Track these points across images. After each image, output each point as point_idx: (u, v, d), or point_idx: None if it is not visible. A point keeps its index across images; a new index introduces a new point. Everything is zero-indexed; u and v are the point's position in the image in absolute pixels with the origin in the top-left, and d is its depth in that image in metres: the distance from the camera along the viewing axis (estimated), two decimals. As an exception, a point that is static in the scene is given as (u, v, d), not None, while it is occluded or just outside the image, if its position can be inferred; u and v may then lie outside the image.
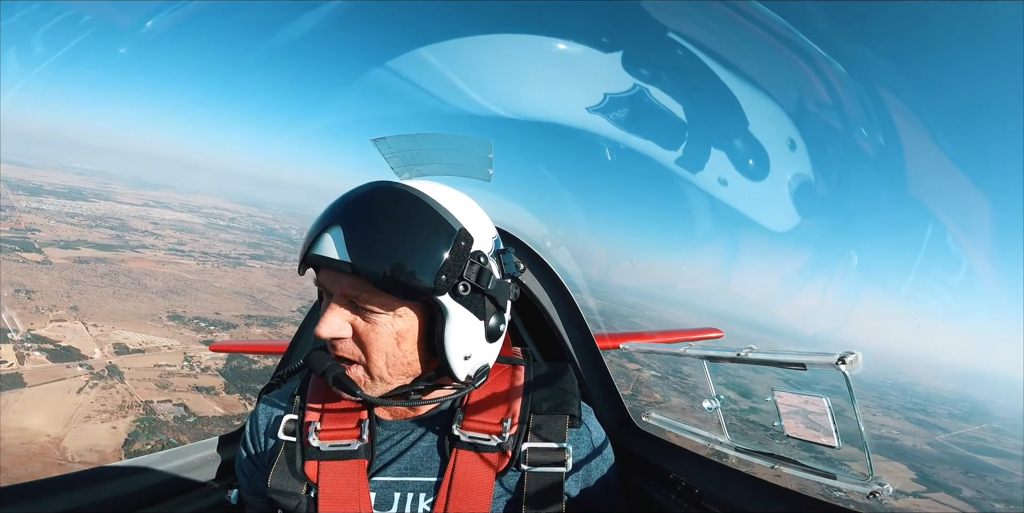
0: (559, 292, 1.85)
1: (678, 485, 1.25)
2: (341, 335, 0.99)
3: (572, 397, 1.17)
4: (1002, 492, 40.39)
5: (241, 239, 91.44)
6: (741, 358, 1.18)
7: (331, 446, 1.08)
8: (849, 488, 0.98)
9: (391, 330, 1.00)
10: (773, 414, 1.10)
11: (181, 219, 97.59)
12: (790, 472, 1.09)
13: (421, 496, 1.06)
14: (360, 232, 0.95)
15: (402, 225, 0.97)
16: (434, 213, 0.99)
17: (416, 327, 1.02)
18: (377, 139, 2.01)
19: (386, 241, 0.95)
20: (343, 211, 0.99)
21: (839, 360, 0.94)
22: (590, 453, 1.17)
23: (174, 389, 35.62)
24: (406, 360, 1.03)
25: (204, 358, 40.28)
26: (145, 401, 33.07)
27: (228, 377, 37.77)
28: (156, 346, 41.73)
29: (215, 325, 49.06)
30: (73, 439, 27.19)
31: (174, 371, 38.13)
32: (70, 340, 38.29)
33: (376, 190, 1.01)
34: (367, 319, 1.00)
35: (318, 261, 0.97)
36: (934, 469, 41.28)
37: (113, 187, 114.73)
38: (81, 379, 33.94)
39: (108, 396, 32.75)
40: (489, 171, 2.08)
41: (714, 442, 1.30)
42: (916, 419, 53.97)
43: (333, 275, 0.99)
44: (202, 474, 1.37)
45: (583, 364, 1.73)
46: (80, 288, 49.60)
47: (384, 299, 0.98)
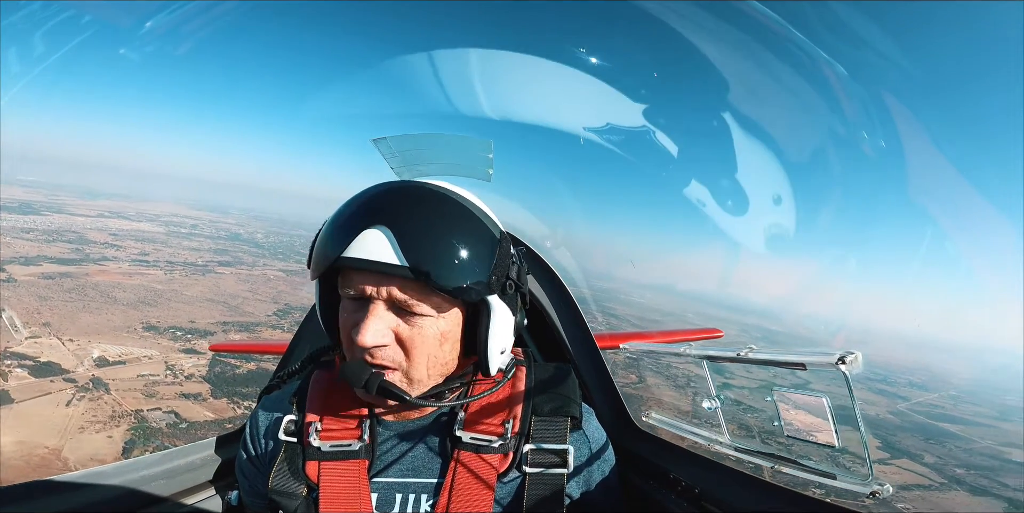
0: (559, 292, 1.86)
1: (678, 485, 1.24)
2: (385, 342, 0.96)
3: (573, 399, 1.15)
4: (961, 457, 41.34)
5: (206, 246, 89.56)
6: (741, 358, 1.15)
7: (332, 446, 1.06)
8: (849, 488, 0.96)
9: (436, 332, 0.99)
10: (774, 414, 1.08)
11: (140, 229, 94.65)
12: (790, 472, 1.07)
13: (423, 497, 1.04)
14: (413, 234, 0.92)
15: (455, 227, 0.96)
16: (474, 215, 1.01)
17: (459, 327, 1.03)
18: (377, 139, 1.99)
19: (442, 243, 0.94)
20: (387, 212, 0.94)
21: (839, 360, 0.92)
22: (591, 455, 1.16)
23: (161, 397, 36.02)
24: (445, 360, 1.03)
25: (186, 366, 40.64)
26: (135, 410, 33.48)
27: (213, 383, 38.29)
28: (136, 357, 41.69)
29: (192, 333, 48.90)
30: (72, 449, 27.65)
31: (158, 380, 38.40)
32: (49, 355, 38.00)
33: (417, 190, 1.00)
34: (411, 322, 0.97)
35: (361, 265, 0.92)
36: (896, 437, 40.81)
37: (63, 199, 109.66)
38: (67, 392, 34.02)
39: (97, 407, 33.04)
40: (489, 171, 2.07)
41: (714, 442, 1.27)
42: (878, 389, 53.84)
43: (376, 279, 0.94)
44: (201, 475, 1.35)
45: (583, 364, 1.72)
46: (50, 304, 48.64)
47: (435, 301, 0.97)
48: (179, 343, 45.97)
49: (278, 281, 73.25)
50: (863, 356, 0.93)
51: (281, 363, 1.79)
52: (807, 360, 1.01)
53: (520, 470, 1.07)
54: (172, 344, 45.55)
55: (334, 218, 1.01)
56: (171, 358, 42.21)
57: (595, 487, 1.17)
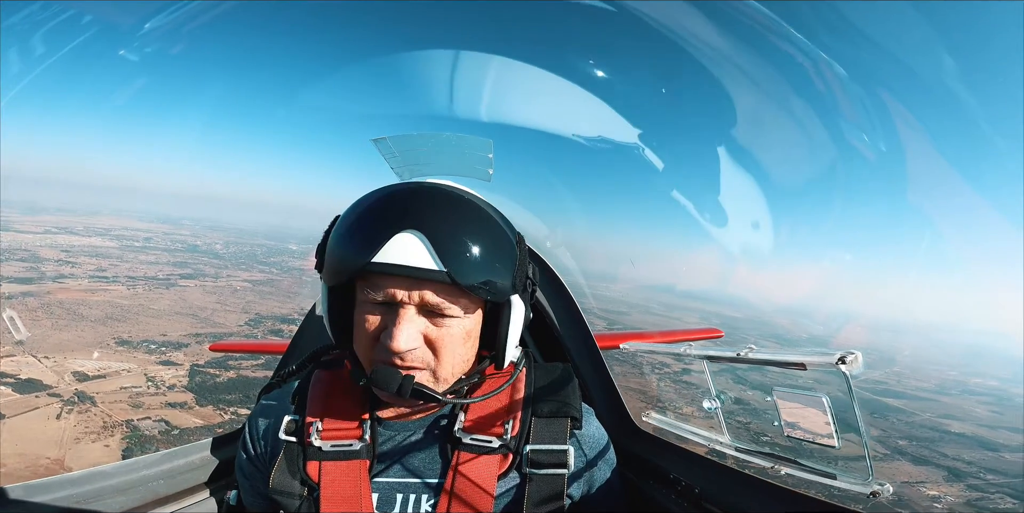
0: (559, 292, 1.86)
1: (678, 485, 1.24)
2: (417, 346, 0.97)
3: (574, 399, 1.15)
4: (903, 430, 44.59)
5: (164, 259, 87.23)
6: (741, 358, 1.15)
7: (333, 446, 1.05)
8: (849, 488, 0.96)
9: (462, 331, 1.01)
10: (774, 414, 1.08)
11: (91, 244, 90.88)
12: (790, 472, 1.07)
13: (423, 497, 1.04)
14: (445, 237, 0.93)
15: (481, 229, 0.99)
16: (493, 217, 1.03)
17: (479, 324, 1.06)
18: (377, 139, 1.98)
19: (474, 246, 0.95)
20: (416, 215, 0.94)
21: (839, 360, 0.92)
22: (592, 455, 1.16)
23: (148, 407, 36.61)
24: (467, 357, 1.05)
25: (167, 377, 41.16)
26: (126, 420, 34.14)
27: (196, 392, 39.14)
28: (115, 371, 41.77)
29: (166, 346, 48.82)
30: (74, 459, 28.25)
31: (142, 392, 38.80)
32: (28, 373, 37.74)
33: (441, 193, 1.00)
34: (439, 324, 0.98)
35: (397, 270, 0.91)
36: (846, 413, 48.15)
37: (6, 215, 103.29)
38: (55, 406, 34.22)
39: (88, 419, 33.51)
40: (489, 171, 2.08)
41: (714, 442, 1.26)
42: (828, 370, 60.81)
43: (408, 283, 0.94)
44: (200, 475, 1.34)
45: (583, 364, 1.72)
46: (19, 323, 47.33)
47: (463, 303, 0.98)
48: (155, 356, 46.04)
49: (245, 292, 72.81)
50: (862, 356, 0.92)
51: (281, 363, 1.79)
52: (807, 360, 1.00)
53: (520, 471, 1.07)
54: (148, 357, 45.59)
55: (353, 221, 1.00)
56: (150, 370, 42.46)
57: (596, 487, 1.17)
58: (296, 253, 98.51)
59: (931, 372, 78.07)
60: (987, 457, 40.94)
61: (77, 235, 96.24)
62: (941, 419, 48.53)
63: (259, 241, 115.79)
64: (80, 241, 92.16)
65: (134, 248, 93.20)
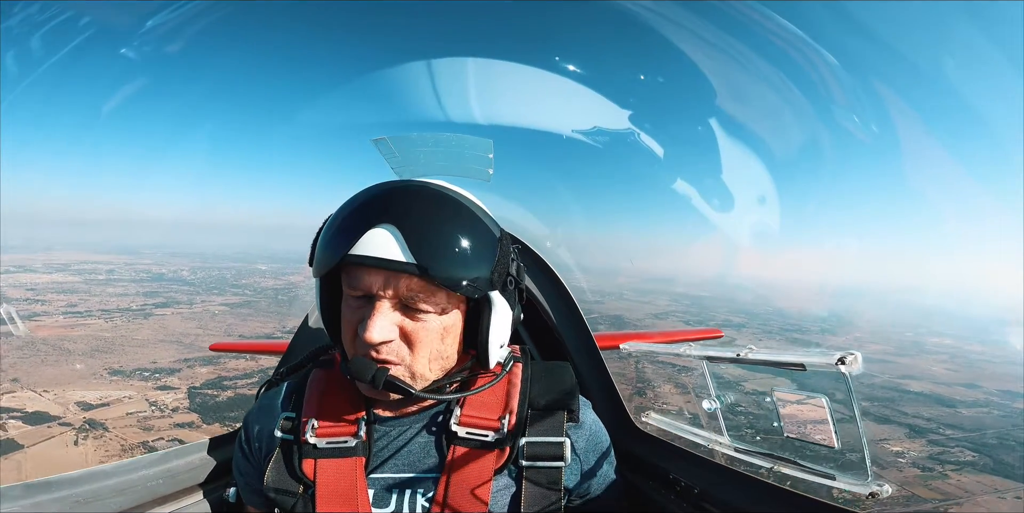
0: (558, 292, 1.86)
1: (678, 485, 1.24)
2: (391, 338, 0.98)
3: (570, 392, 1.16)
4: (865, 392, 45.02)
5: (132, 290, 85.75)
6: (740, 358, 1.15)
7: (328, 443, 1.06)
8: (848, 488, 0.95)
9: (439, 327, 1.01)
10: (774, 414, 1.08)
11: (55, 280, 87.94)
12: (789, 472, 1.07)
13: (419, 492, 1.05)
14: (421, 232, 0.94)
15: (459, 224, 0.99)
16: (475, 213, 1.03)
17: (460, 321, 1.05)
18: (377, 139, 1.99)
19: (448, 240, 0.96)
20: (393, 210, 0.96)
21: (839, 360, 0.92)
22: (588, 447, 1.17)
23: (159, 429, 37.74)
24: (446, 354, 1.05)
25: (168, 401, 42.23)
26: (142, 442, 35.36)
27: (200, 412, 40.54)
28: (116, 399, 42.40)
29: (159, 372, 49.36)
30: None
31: (148, 416, 39.80)
32: (33, 406, 38.21)
33: (421, 189, 1.01)
34: (415, 318, 0.99)
35: (369, 262, 0.94)
36: (810, 379, 50.88)
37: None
38: (70, 435, 34.97)
39: (105, 444, 34.48)
40: (489, 171, 2.10)
41: (713, 442, 1.26)
42: (793, 338, 59.08)
43: (383, 276, 0.96)
44: (199, 474, 1.34)
45: (583, 364, 1.72)
46: (8, 362, 47.00)
47: (439, 297, 0.99)
48: (150, 382, 46.72)
49: (224, 315, 73.00)
50: (862, 356, 0.92)
51: (281, 362, 1.80)
52: (806, 360, 1.00)
53: (517, 464, 1.07)
54: (144, 384, 46.27)
55: (337, 217, 1.02)
56: (150, 396, 43.34)
57: (593, 479, 1.17)
58: (267, 273, 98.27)
59: (891, 335, 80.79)
60: (945, 413, 42.56)
61: (37, 273, 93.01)
62: (900, 379, 49.75)
63: (226, 264, 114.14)
64: (43, 278, 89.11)
65: (99, 281, 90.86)
